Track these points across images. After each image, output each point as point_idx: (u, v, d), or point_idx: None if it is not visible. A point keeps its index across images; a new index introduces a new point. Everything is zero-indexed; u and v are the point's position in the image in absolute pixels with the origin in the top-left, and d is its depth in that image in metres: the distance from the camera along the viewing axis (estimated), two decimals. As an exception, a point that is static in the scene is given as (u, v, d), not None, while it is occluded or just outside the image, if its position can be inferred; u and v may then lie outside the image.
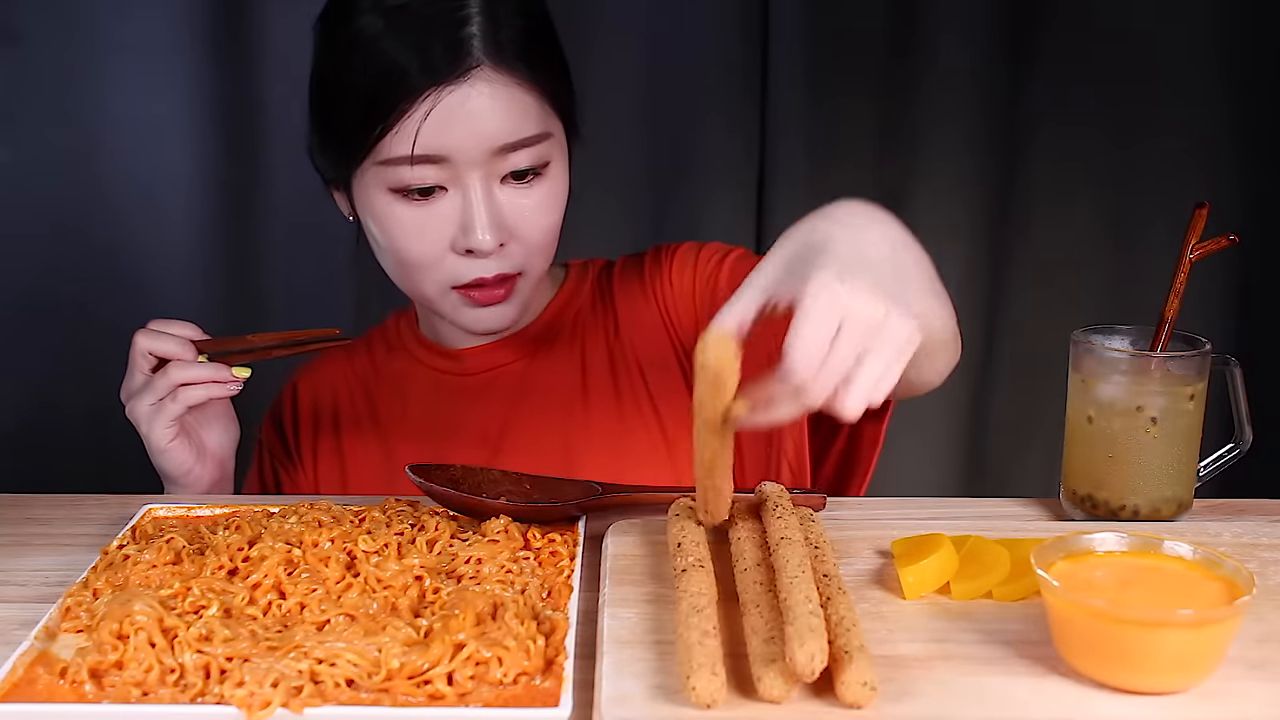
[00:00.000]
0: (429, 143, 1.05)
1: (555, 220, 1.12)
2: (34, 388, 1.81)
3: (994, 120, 1.85)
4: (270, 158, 1.79)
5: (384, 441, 1.24)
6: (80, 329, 1.80)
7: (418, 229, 1.08)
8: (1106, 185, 1.86)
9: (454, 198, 1.08)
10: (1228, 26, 1.81)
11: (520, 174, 1.08)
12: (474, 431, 1.21)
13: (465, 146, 1.05)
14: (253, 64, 1.76)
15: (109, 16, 1.73)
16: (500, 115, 1.06)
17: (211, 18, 1.75)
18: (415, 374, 1.26)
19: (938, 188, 1.86)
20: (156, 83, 1.76)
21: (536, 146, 1.08)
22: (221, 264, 1.83)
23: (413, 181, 1.07)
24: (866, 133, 1.86)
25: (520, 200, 1.09)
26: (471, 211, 1.07)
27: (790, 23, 1.80)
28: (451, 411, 1.23)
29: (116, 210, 1.79)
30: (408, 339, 1.28)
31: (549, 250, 1.14)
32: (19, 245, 1.79)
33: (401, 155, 1.05)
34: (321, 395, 1.28)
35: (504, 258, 1.10)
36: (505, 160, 1.07)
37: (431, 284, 1.11)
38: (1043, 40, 1.82)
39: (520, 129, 1.07)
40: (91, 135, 1.77)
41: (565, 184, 1.13)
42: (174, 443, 1.11)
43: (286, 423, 1.28)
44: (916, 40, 1.82)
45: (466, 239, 1.07)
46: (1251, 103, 1.82)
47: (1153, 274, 1.71)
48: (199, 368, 1.09)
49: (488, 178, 1.07)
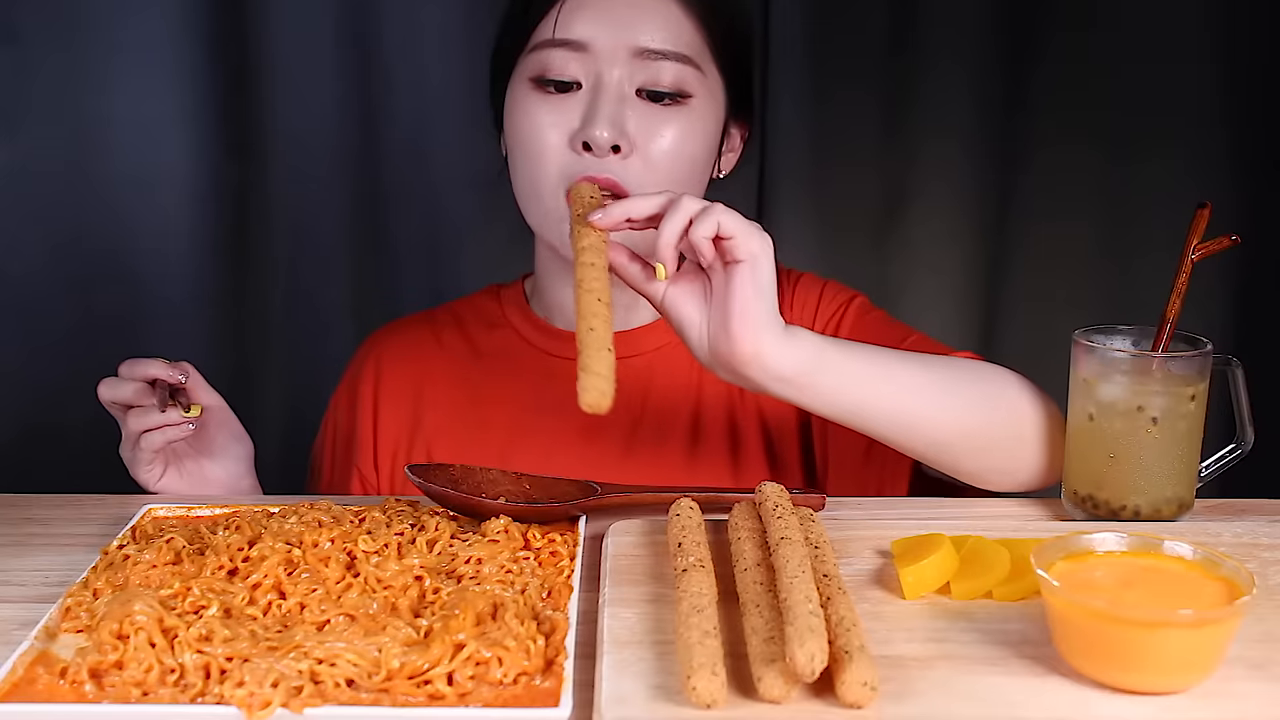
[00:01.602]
0: (571, 25, 1.08)
1: (684, 154, 1.11)
2: (34, 388, 1.81)
3: (995, 120, 1.85)
4: (270, 158, 1.79)
5: (480, 425, 1.22)
6: (80, 329, 1.80)
7: (547, 120, 1.09)
8: (1108, 185, 1.86)
9: (586, 95, 1.09)
10: (1229, 25, 1.80)
11: (658, 96, 1.10)
12: (581, 425, 1.16)
13: (605, 35, 1.08)
14: (253, 64, 1.76)
15: (109, 16, 1.73)
16: (648, 17, 1.09)
17: (211, 18, 1.75)
18: (523, 355, 1.24)
19: (938, 188, 1.86)
20: (156, 83, 1.76)
21: (679, 66, 1.10)
22: (221, 265, 1.83)
23: (552, 66, 1.09)
24: (867, 133, 1.86)
25: (652, 118, 1.10)
26: (597, 104, 1.08)
27: (790, 23, 1.80)
28: (558, 400, 1.17)
29: (116, 210, 1.79)
30: (514, 316, 1.26)
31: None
32: (19, 245, 1.79)
33: (546, 39, 1.09)
34: (404, 371, 1.26)
35: (622, 169, 1.09)
36: (644, 68, 1.09)
37: (549, 188, 1.10)
38: (1044, 39, 1.82)
39: (664, 38, 1.09)
40: (91, 135, 1.77)
41: (704, 135, 1.13)
42: (163, 481, 1.13)
43: (364, 397, 1.26)
44: (917, 40, 1.82)
45: (585, 130, 1.08)
46: (1251, 101, 1.82)
47: (1153, 274, 1.71)
48: (153, 413, 1.08)
49: (623, 80, 1.09)
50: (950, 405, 1.01)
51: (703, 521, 0.92)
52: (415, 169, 1.81)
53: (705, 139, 1.14)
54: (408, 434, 1.24)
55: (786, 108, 1.82)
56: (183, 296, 1.82)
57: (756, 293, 0.90)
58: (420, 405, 1.24)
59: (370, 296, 1.84)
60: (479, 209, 1.78)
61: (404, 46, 1.77)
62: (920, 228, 1.86)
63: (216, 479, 1.16)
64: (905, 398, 0.99)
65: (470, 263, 1.81)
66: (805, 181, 1.85)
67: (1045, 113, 1.84)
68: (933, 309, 1.88)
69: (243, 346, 1.84)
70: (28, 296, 1.79)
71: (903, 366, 1.00)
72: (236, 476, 1.17)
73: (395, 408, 1.25)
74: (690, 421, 1.21)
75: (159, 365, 1.09)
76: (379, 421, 1.25)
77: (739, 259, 0.89)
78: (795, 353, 0.92)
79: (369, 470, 1.25)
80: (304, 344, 1.84)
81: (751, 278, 0.90)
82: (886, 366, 0.99)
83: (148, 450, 1.09)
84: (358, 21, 1.77)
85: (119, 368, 1.10)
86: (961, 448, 1.03)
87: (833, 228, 1.87)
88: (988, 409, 1.03)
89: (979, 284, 1.90)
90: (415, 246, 1.85)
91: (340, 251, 1.84)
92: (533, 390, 1.22)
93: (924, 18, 1.81)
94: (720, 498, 1.00)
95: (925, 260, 1.87)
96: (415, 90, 1.78)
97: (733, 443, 1.20)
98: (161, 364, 1.09)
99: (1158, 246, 1.59)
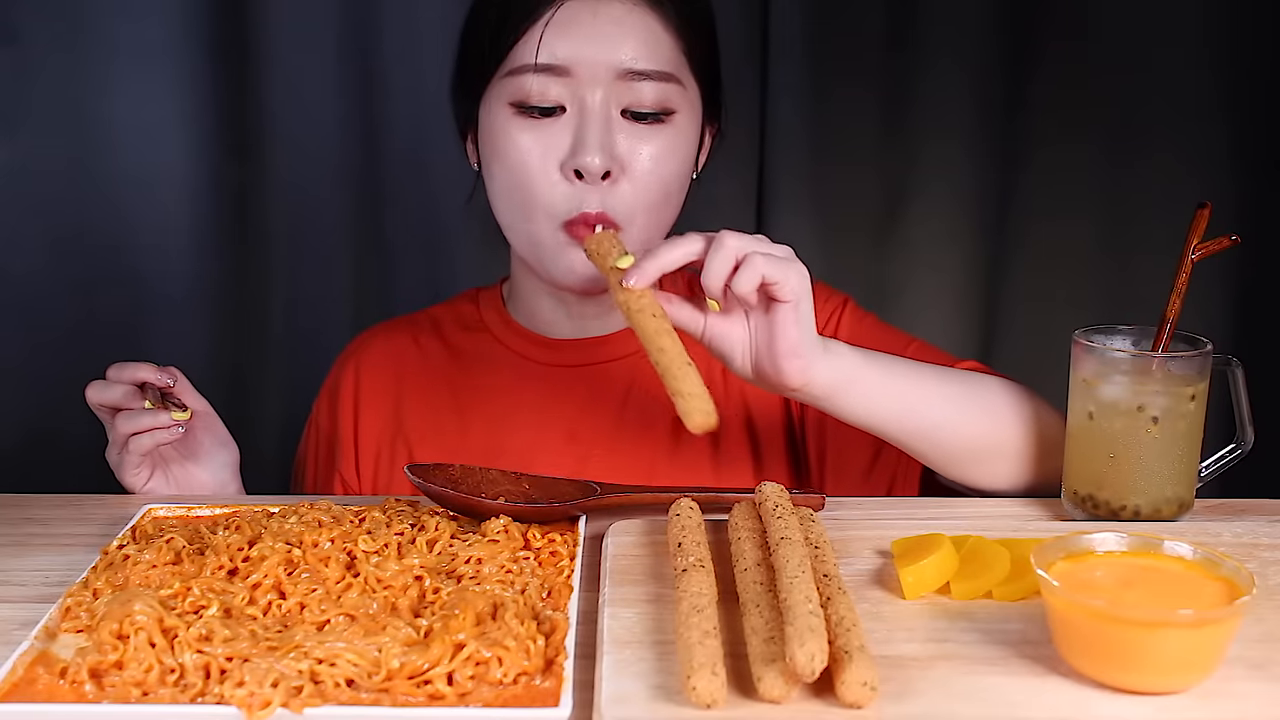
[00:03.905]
0: (553, 49, 1.07)
1: (669, 172, 1.11)
2: (34, 389, 1.81)
3: (995, 120, 1.85)
4: (270, 158, 1.79)
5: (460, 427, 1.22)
6: (81, 329, 1.80)
7: (533, 146, 1.09)
8: (1108, 184, 1.86)
9: (571, 119, 1.08)
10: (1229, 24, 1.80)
11: (641, 115, 1.09)
12: (562, 428, 1.20)
13: (588, 60, 1.07)
14: (253, 64, 1.76)
15: (109, 17, 1.73)
16: (629, 37, 1.08)
17: (211, 19, 1.75)
18: (500, 358, 1.24)
19: (939, 187, 1.86)
20: (157, 83, 1.76)
21: (662, 85, 1.09)
22: (222, 263, 1.83)
23: (534, 92, 1.08)
24: (867, 133, 1.86)
25: (637, 139, 1.09)
26: (585, 129, 1.07)
27: (790, 22, 1.80)
28: (538, 403, 1.21)
29: (117, 210, 1.79)
30: (492, 321, 1.26)
31: (658, 211, 1.12)
32: (20, 245, 1.79)
33: (526, 63, 1.07)
34: (383, 375, 1.26)
35: (611, 195, 1.09)
36: (628, 89, 1.08)
37: (542, 216, 1.10)
38: (1044, 39, 1.82)
39: (647, 58, 1.08)
40: (92, 135, 1.77)
41: (688, 149, 1.14)
42: (149, 485, 1.13)
43: (344, 401, 1.26)
44: (917, 39, 1.82)
45: (575, 158, 1.07)
46: (1251, 101, 1.82)
47: (1153, 274, 1.71)
48: (141, 416, 1.09)
49: (608, 102, 1.08)
50: (971, 419, 1.05)
51: (703, 521, 0.92)
52: (414, 172, 1.81)
53: (688, 151, 1.14)
54: (389, 437, 1.24)
55: (786, 107, 1.82)
56: (183, 297, 1.82)
57: (800, 331, 0.93)
58: (400, 408, 1.25)
59: (369, 298, 1.84)
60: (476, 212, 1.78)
61: (403, 51, 1.77)
62: (920, 227, 1.86)
63: (202, 484, 1.16)
64: (932, 411, 1.03)
65: (468, 265, 1.81)
66: (805, 181, 1.85)
67: (1045, 112, 1.83)
68: (932, 308, 1.88)
69: (242, 347, 1.84)
70: (28, 296, 1.79)
71: (930, 381, 1.04)
72: (222, 483, 1.18)
73: (375, 411, 1.25)
74: (672, 424, 1.20)
75: (147, 369, 1.10)
76: (359, 425, 1.25)
77: (783, 300, 0.92)
78: (833, 371, 0.97)
79: (350, 474, 1.25)
80: (302, 345, 1.84)
81: (795, 318, 0.93)
82: (917, 381, 1.03)
83: (135, 453, 1.10)
84: (358, 26, 1.77)
85: (107, 371, 1.10)
86: (977, 458, 1.06)
87: (832, 227, 1.87)
88: (1003, 423, 1.06)
89: (979, 283, 1.90)
90: (413, 249, 1.85)
91: (339, 253, 1.84)
92: (511, 392, 1.22)
93: (923, 17, 1.81)
94: (720, 498, 1.00)
95: (925, 260, 1.87)
96: (414, 95, 1.78)
97: (714, 442, 1.20)
98: (150, 368, 1.10)
99: (1158, 246, 1.58)
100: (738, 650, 0.76)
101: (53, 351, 1.80)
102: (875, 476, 1.18)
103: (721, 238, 0.91)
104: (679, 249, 0.92)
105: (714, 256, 0.90)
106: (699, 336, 0.96)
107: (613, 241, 0.99)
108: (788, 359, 0.94)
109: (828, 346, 0.97)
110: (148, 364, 1.10)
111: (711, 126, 1.21)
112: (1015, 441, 1.06)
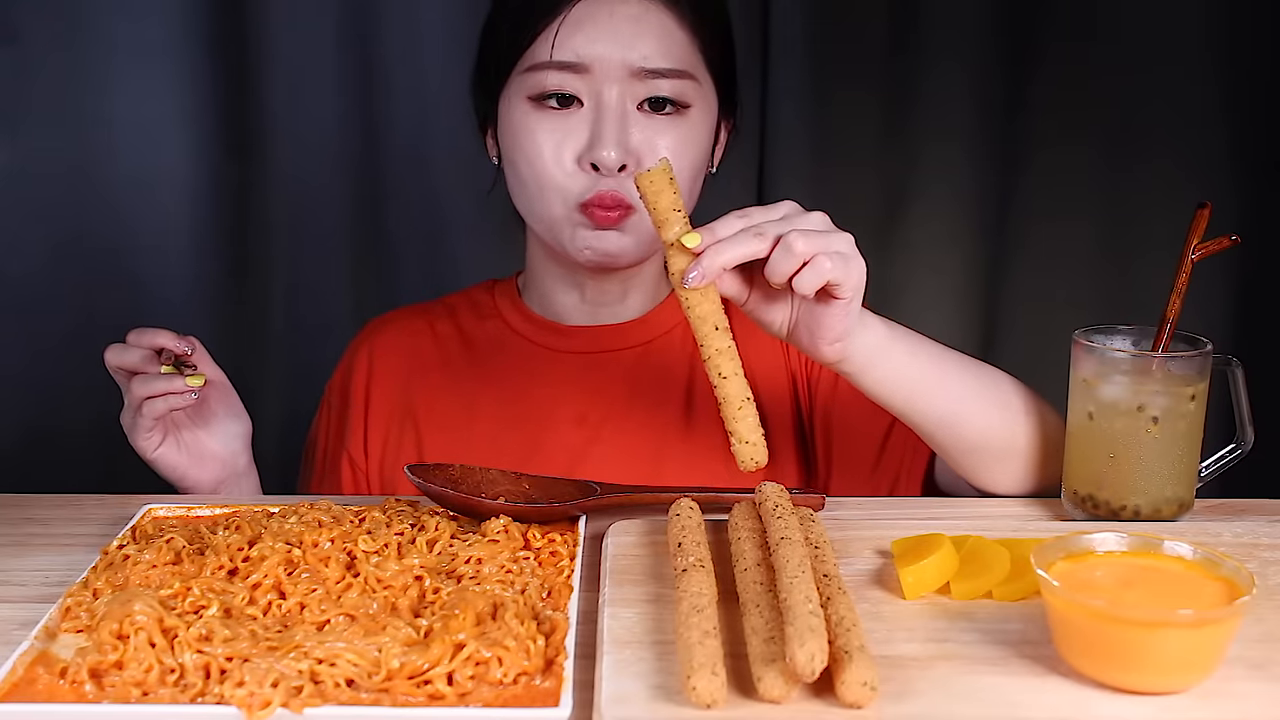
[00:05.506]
0: (569, 45, 1.09)
1: (684, 165, 1.13)
2: (34, 389, 1.81)
3: (995, 121, 1.84)
4: (271, 156, 1.79)
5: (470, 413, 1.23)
6: (81, 329, 1.80)
7: (551, 138, 1.11)
8: (1108, 185, 1.86)
9: (588, 112, 1.11)
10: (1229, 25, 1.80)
11: (658, 104, 1.11)
12: (571, 412, 1.22)
13: (604, 57, 1.09)
14: (253, 62, 1.76)
15: (109, 16, 1.73)
16: (645, 35, 1.10)
17: (211, 17, 1.75)
18: (511, 343, 1.26)
19: (939, 188, 1.86)
20: (157, 83, 1.76)
21: (677, 82, 1.11)
22: (222, 264, 1.83)
23: (550, 87, 1.10)
24: (867, 134, 1.86)
25: (653, 131, 1.11)
26: (602, 125, 1.09)
27: (790, 23, 1.80)
28: (547, 389, 1.23)
29: (117, 210, 1.79)
30: (505, 308, 1.28)
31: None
32: (19, 245, 1.78)
33: (543, 60, 1.10)
34: (396, 358, 1.28)
35: (627, 184, 1.11)
36: (645, 85, 1.10)
37: (559, 201, 1.12)
38: (1044, 40, 1.82)
39: (663, 56, 1.10)
40: (92, 135, 1.77)
41: (703, 143, 1.16)
42: (160, 450, 1.13)
43: (357, 383, 1.28)
44: (918, 41, 1.82)
45: (592, 152, 1.10)
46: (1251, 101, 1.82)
47: (1153, 274, 1.71)
48: (157, 380, 1.09)
49: (624, 96, 1.10)
50: (986, 409, 1.04)
51: (703, 521, 0.92)
52: (415, 170, 1.81)
53: (703, 145, 1.16)
54: (398, 419, 1.26)
55: (786, 108, 1.82)
56: (183, 296, 1.82)
57: (848, 322, 0.93)
58: (411, 392, 1.26)
59: (369, 297, 1.84)
60: (478, 209, 1.78)
61: (404, 48, 1.77)
62: (920, 228, 1.86)
63: (213, 453, 1.17)
64: (951, 392, 1.02)
65: (469, 262, 1.81)
66: (805, 183, 1.85)
67: (1045, 113, 1.83)
68: (933, 309, 1.88)
69: (242, 346, 1.84)
70: (28, 297, 1.79)
71: (951, 364, 1.03)
72: (233, 453, 1.18)
73: (386, 391, 1.27)
74: (682, 414, 1.22)
75: (166, 335, 1.11)
76: (370, 406, 1.27)
77: (840, 298, 0.91)
78: (865, 348, 0.96)
79: (359, 453, 1.26)
80: (303, 345, 1.84)
81: (846, 312, 0.92)
82: (942, 362, 1.02)
83: (149, 417, 1.10)
84: (358, 23, 1.77)
85: (127, 335, 1.11)
86: (989, 450, 1.05)
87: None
88: (1016, 418, 1.06)
89: (979, 284, 1.90)
90: (414, 246, 1.85)
91: (340, 252, 1.84)
92: (522, 379, 1.24)
93: (924, 18, 1.81)
94: (720, 498, 1.01)
95: (925, 261, 1.87)
96: (415, 92, 1.78)
97: (725, 436, 1.20)
98: (169, 334, 1.11)
99: (1158, 246, 1.58)
100: (738, 650, 0.76)
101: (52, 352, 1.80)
102: (881, 470, 1.19)
103: (790, 241, 0.87)
104: (742, 246, 0.88)
105: (780, 258, 0.88)
106: (741, 304, 0.96)
107: (668, 184, 0.90)
108: (830, 344, 0.94)
109: (863, 319, 0.96)
110: (166, 330, 1.11)
111: (727, 123, 1.22)
112: (1024, 439, 1.06)
